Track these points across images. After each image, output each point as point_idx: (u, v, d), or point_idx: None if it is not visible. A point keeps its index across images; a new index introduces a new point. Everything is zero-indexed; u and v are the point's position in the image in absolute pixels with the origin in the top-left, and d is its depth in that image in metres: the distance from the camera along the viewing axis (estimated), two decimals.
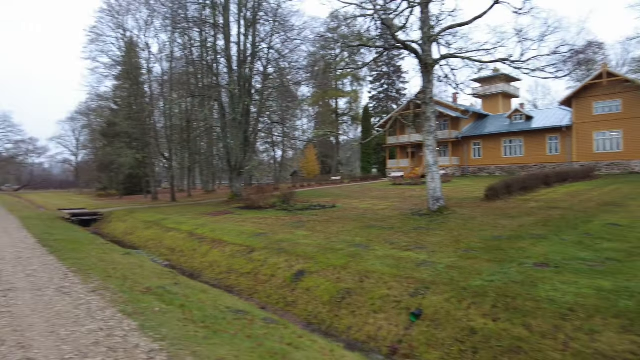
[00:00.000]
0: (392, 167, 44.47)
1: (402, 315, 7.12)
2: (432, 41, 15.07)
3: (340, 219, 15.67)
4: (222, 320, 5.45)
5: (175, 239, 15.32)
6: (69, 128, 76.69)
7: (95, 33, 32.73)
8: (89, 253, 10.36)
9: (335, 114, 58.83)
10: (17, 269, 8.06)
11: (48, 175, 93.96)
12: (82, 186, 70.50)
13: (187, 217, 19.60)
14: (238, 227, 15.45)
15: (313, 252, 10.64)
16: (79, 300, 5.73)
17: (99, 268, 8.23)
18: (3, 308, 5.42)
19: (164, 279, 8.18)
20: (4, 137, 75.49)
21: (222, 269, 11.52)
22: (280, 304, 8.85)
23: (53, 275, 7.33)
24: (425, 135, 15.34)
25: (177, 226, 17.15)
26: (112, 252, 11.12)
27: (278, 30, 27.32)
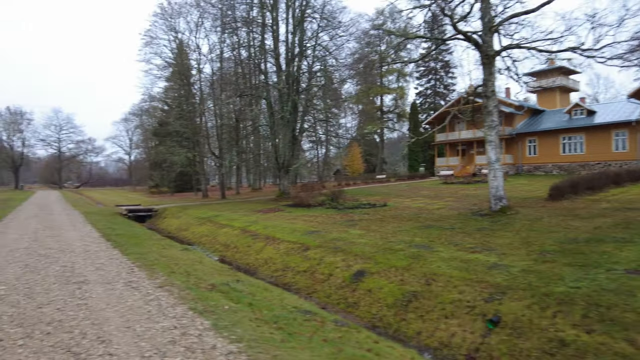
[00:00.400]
0: (440, 166, 43.15)
1: (478, 321, 6.60)
2: (494, 31, 14.22)
3: (394, 218, 15.17)
4: (292, 321, 5.22)
5: (228, 236, 15.45)
6: (123, 128, 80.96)
7: (149, 36, 34.01)
8: (150, 248, 10.55)
9: (380, 111, 57.87)
10: (87, 261, 8.27)
11: (104, 173, 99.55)
12: (135, 183, 74.00)
13: (239, 214, 19.81)
14: (290, 225, 15.35)
15: (371, 251, 10.27)
16: (149, 296, 5.69)
17: (162, 263, 8.30)
18: (80, 300, 5.48)
19: (225, 276, 8.12)
20: (67, 137, 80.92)
21: (278, 266, 11.40)
22: (341, 304, 8.55)
23: (120, 270, 7.44)
24: (487, 131, 14.49)
25: (230, 223, 17.33)
26: (170, 248, 11.30)
27: (325, 27, 27.14)
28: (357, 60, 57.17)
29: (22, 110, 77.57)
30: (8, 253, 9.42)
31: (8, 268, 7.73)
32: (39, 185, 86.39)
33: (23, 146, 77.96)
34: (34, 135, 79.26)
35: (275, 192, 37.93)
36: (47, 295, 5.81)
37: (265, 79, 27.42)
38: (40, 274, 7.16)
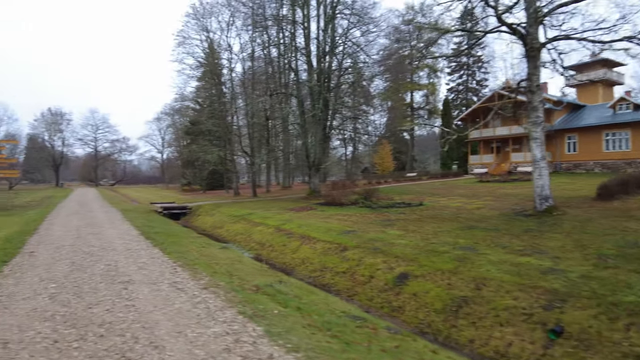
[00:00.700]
0: (474, 163, 42.00)
1: (537, 331, 6.15)
2: (540, 22, 13.51)
3: (433, 218, 14.69)
4: (344, 327, 4.97)
5: (263, 234, 15.39)
6: (155, 128, 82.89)
7: (182, 36, 34.53)
8: (189, 247, 10.56)
9: (410, 108, 56.88)
10: (129, 260, 8.31)
11: (138, 171, 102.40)
12: (167, 181, 75.79)
13: (272, 212, 19.76)
14: (324, 224, 15.13)
15: (413, 253, 9.90)
16: (195, 298, 5.58)
17: (203, 263, 8.23)
18: (127, 301, 5.43)
19: (267, 277, 7.97)
20: (102, 136, 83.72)
21: (315, 266, 11.19)
22: (384, 308, 8.24)
23: (163, 269, 7.40)
24: (531, 127, 13.80)
25: (264, 221, 17.28)
26: (209, 246, 11.29)
27: (357, 24, 26.76)
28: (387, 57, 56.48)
29: (62, 110, 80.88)
30: (55, 250, 9.61)
31: (56, 265, 7.84)
32: (77, 183, 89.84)
33: (63, 145, 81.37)
34: (73, 135, 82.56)
35: (305, 190, 37.85)
36: (96, 294, 5.80)
37: (296, 77, 27.28)
38: (87, 272, 7.21)
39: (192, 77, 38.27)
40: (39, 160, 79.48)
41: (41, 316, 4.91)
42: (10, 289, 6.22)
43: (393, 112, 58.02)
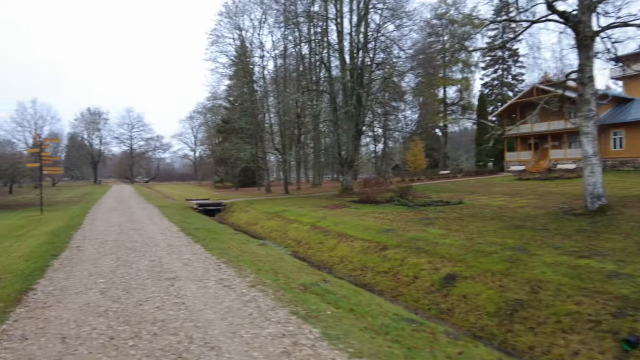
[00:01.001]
0: (510, 160, 40.61)
1: (607, 340, 5.68)
2: (593, 9, 12.70)
3: (475, 217, 14.13)
4: (401, 331, 4.71)
5: (299, 231, 15.26)
6: (188, 126, 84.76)
7: (216, 35, 34.88)
8: (229, 243, 10.52)
9: (443, 104, 55.57)
10: (173, 256, 8.31)
11: (171, 168, 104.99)
12: (200, 178, 77.33)
13: (305, 209, 19.63)
14: (360, 222, 14.84)
15: (459, 253, 9.48)
16: (244, 296, 5.44)
17: (246, 260, 8.13)
18: (176, 298, 5.35)
19: (311, 275, 7.79)
20: (137, 135, 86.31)
21: (355, 265, 10.94)
22: (432, 310, 7.90)
23: (208, 266, 7.33)
24: (582, 121, 13.00)
25: (298, 218, 17.16)
26: (248, 243, 11.23)
27: (391, 17, 26.21)
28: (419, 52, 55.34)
29: (100, 110, 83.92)
30: (100, 245, 9.78)
31: (103, 260, 7.93)
32: (113, 180, 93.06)
33: (100, 144, 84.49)
34: (110, 134, 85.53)
35: (335, 187, 37.60)
36: (144, 291, 5.76)
37: (329, 73, 27.03)
38: (133, 268, 7.23)
39: (225, 75, 38.67)
40: (79, 158, 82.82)
41: (94, 311, 4.89)
42: (62, 282, 6.29)
43: (425, 108, 56.82)
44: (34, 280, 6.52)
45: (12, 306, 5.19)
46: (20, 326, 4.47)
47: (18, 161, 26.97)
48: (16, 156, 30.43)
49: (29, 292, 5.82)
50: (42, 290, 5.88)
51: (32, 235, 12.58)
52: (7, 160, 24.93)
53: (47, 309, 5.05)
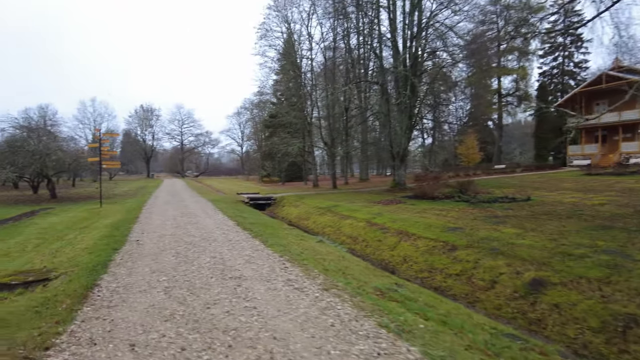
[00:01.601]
0: (574, 154, 37.79)
1: None
2: None
3: (549, 215, 12.85)
4: (508, 350, 3.96)
5: (354, 228, 14.62)
6: (235, 122, 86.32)
7: (264, 29, 34.79)
8: (287, 239, 10.06)
9: (498, 95, 52.66)
10: (234, 252, 7.93)
11: (219, 163, 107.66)
12: (246, 173, 78.62)
13: (357, 204, 18.96)
14: (421, 219, 13.97)
15: (542, 256, 8.44)
16: (320, 301, 4.88)
17: (309, 258, 7.60)
18: (246, 302, 4.87)
19: (380, 277, 7.13)
20: (187, 131, 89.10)
21: (421, 266, 10.14)
22: (518, 320, 6.99)
23: (272, 264, 6.86)
24: None
25: (352, 214, 16.52)
26: (306, 239, 10.73)
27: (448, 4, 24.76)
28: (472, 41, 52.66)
29: (152, 107, 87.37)
30: (158, 239, 9.64)
31: (163, 256, 7.69)
32: (164, 174, 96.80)
33: (153, 139, 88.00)
34: (161, 130, 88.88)
35: (384, 183, 36.58)
36: (209, 291, 5.35)
37: (380, 64, 26.04)
38: (194, 265, 6.90)
39: (273, 69, 38.60)
40: (133, 153, 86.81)
41: (160, 314, 4.51)
42: (125, 279, 6.03)
43: (477, 99, 54.15)
44: (97, 275, 6.32)
45: (79, 304, 4.94)
46: (88, 328, 4.15)
47: (80, 156, 28.22)
48: (79, 151, 31.95)
49: (94, 289, 5.58)
50: (106, 287, 5.63)
51: (94, 228, 12.80)
52: (71, 155, 26.09)
53: (113, 308, 4.73)
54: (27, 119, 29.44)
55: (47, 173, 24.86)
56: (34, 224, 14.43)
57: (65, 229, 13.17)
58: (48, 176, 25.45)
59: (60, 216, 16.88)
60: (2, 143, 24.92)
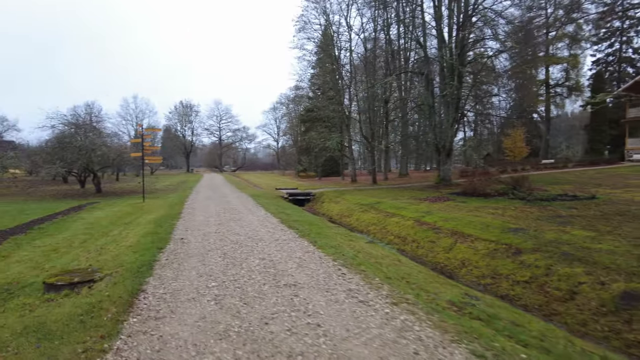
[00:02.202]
0: (633, 148, 35.03)
1: None
2: None
3: (624, 215, 11.53)
4: None
5: (401, 227, 13.81)
6: (271, 117, 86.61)
7: (302, 21, 34.17)
8: (336, 239, 9.45)
9: (545, 85, 49.70)
10: (283, 254, 7.40)
11: (256, 158, 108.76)
12: (282, 168, 78.86)
13: (402, 201, 18.10)
14: (475, 218, 12.98)
15: (629, 264, 7.37)
16: (392, 320, 4.21)
17: (365, 262, 6.94)
18: (307, 317, 4.28)
19: (447, 286, 6.36)
20: (225, 126, 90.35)
21: (482, 270, 9.25)
22: (612, 340, 6.05)
23: (327, 270, 6.25)
24: None
25: (398, 211, 15.71)
26: (355, 239, 10.07)
27: None
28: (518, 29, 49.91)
29: (191, 103, 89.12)
30: (203, 237, 9.27)
31: (209, 256, 7.26)
32: (203, 169, 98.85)
33: (192, 135, 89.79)
34: (200, 125, 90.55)
35: (425, 178, 35.31)
36: (264, 302, 4.80)
37: (424, 53, 24.84)
38: (243, 268, 6.40)
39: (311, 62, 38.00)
40: (173, 148, 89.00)
41: (214, 330, 3.99)
42: (172, 284, 5.60)
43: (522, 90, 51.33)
44: (143, 278, 5.94)
45: (124, 313, 4.53)
46: (135, 345, 3.68)
47: (123, 151, 28.81)
48: (122, 147, 32.70)
49: (139, 295, 5.17)
50: (152, 294, 5.20)
51: (137, 224, 12.70)
52: (115, 150, 26.64)
53: (161, 321, 4.26)
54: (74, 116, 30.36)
55: (93, 168, 25.47)
56: (81, 219, 14.57)
57: (110, 225, 13.16)
58: (94, 171, 26.09)
59: (105, 211, 17.06)
60: (53, 139, 25.71)
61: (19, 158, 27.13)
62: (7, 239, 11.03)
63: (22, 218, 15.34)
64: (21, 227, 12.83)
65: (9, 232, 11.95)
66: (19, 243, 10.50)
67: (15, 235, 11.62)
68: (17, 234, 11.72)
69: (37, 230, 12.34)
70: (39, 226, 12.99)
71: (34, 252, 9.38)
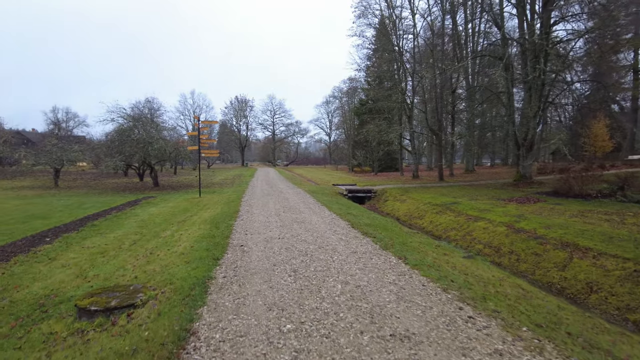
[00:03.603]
0: None
1: None
2: None
3: None
4: None
5: (491, 233, 11.61)
6: (324, 111, 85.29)
7: (362, 6, 32.16)
8: (426, 252, 7.59)
9: (633, 71, 43.88)
10: (369, 275, 5.69)
11: (308, 153, 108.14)
12: (334, 162, 77.32)
13: (483, 202, 15.78)
14: (587, 226, 10.55)
15: None
16: None
17: (490, 296, 5.02)
18: None
19: (616, 335, 4.34)
20: (279, 121, 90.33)
21: (624, 299, 6.99)
22: None
23: (443, 309, 4.43)
24: None
25: (481, 214, 13.48)
26: (449, 252, 8.13)
27: None
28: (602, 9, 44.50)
29: (246, 98, 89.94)
30: (265, 245, 7.80)
31: (277, 275, 5.71)
32: (257, 163, 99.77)
33: (247, 129, 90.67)
34: (255, 120, 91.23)
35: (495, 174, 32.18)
36: None
37: (503, 35, 21.97)
38: (324, 298, 4.76)
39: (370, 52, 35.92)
40: (229, 142, 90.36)
41: None
42: (232, 323, 4.07)
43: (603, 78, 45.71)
44: (194, 308, 4.50)
45: None
46: None
47: (181, 145, 28.53)
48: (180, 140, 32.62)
49: (188, 341, 3.68)
50: (205, 341, 3.69)
51: (192, 223, 11.58)
52: (172, 144, 26.30)
53: None
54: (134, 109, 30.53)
55: (150, 161, 25.24)
56: (135, 216, 13.77)
57: (163, 222, 12.17)
58: (151, 164, 25.90)
59: (159, 206, 16.30)
60: (113, 133, 25.82)
61: (82, 152, 27.58)
62: (60, 237, 10.28)
63: (79, 213, 14.89)
64: (75, 224, 12.18)
65: (62, 229, 11.27)
66: (69, 242, 9.66)
67: (68, 232, 10.89)
68: (70, 231, 10.99)
69: (89, 227, 11.57)
70: (92, 223, 12.25)
71: (81, 255, 8.41)
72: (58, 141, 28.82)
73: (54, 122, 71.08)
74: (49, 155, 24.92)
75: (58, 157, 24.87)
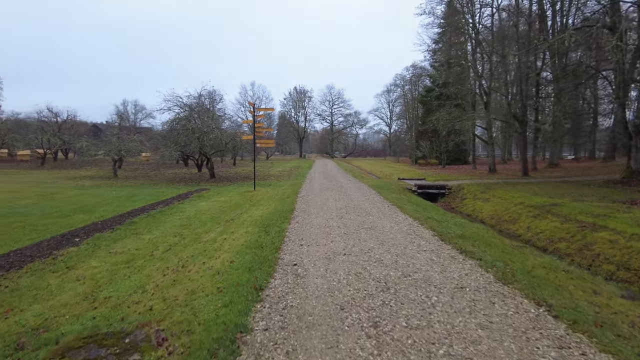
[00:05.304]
0: None
1: None
2: None
3: None
4: None
5: (626, 250, 8.65)
6: (384, 100, 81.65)
7: None
8: (566, 288, 5.07)
9: None
10: (503, 346, 3.38)
11: (366, 144, 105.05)
12: (394, 154, 73.82)
13: (592, 204, 12.57)
14: None
15: None
16: None
17: None
18: None
19: None
20: (337, 111, 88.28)
21: None
22: None
23: None
24: None
25: (598, 221, 10.42)
26: (598, 286, 5.53)
27: None
28: None
29: (304, 88, 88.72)
30: (326, 266, 5.70)
31: (346, 333, 3.58)
32: (315, 155, 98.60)
33: (305, 121, 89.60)
34: (313, 111, 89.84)
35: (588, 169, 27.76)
36: None
37: None
38: None
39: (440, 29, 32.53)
40: (287, 134, 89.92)
41: None
42: None
43: None
44: None
45: None
46: None
47: (238, 135, 27.39)
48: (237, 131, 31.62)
49: None
50: None
51: (241, 223, 9.84)
52: (228, 134, 25.15)
53: None
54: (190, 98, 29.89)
55: (206, 152, 24.26)
56: (181, 212, 12.38)
57: (209, 221, 10.58)
58: (207, 155, 24.95)
59: (210, 200, 14.91)
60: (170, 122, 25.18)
61: (142, 142, 27.37)
62: (91, 237, 8.99)
63: (126, 206, 13.85)
64: (115, 220, 10.97)
65: (98, 227, 10.06)
66: (97, 245, 8.27)
67: (103, 231, 9.62)
68: (104, 230, 9.72)
69: (127, 225, 10.23)
70: (132, 220, 10.94)
71: (104, 264, 6.90)
72: (119, 132, 28.91)
73: (117, 113, 74.71)
74: (108, 145, 24.83)
75: (116, 147, 24.68)
